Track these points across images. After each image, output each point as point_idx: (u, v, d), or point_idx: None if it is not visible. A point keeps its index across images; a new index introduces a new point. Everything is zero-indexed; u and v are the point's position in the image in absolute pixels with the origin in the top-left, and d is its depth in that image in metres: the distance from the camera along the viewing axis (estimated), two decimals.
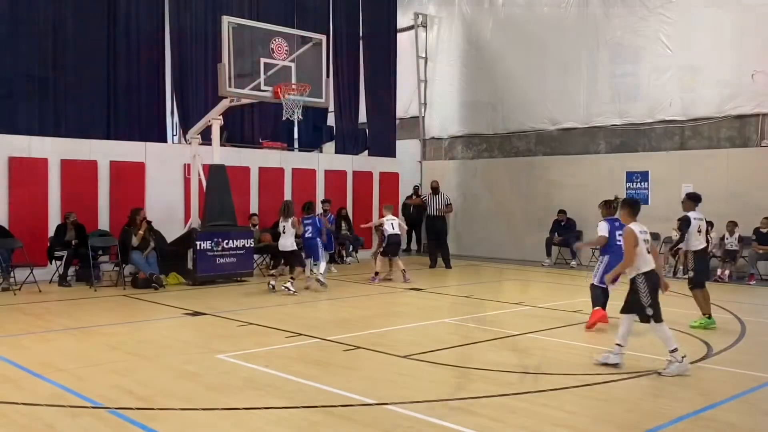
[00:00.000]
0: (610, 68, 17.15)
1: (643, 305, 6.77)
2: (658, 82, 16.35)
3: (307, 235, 12.41)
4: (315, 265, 12.55)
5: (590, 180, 17.21)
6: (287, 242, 12.05)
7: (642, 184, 16.46)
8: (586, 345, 8.12)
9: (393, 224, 13.87)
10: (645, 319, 6.81)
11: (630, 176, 16.67)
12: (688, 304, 9.92)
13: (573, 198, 17.35)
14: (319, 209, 15.35)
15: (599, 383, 6.44)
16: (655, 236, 15.87)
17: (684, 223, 9.40)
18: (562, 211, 17.14)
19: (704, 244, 9.43)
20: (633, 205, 7.17)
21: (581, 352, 7.80)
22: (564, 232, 17.06)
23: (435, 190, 17.08)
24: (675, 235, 15.01)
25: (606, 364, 6.92)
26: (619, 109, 17.11)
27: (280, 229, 12.18)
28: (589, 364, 7.26)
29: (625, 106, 17.00)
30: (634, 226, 6.93)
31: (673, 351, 6.66)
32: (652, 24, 16.39)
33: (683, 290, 9.88)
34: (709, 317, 9.20)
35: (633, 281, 6.84)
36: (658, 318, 6.77)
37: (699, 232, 9.33)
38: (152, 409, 5.57)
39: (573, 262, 16.91)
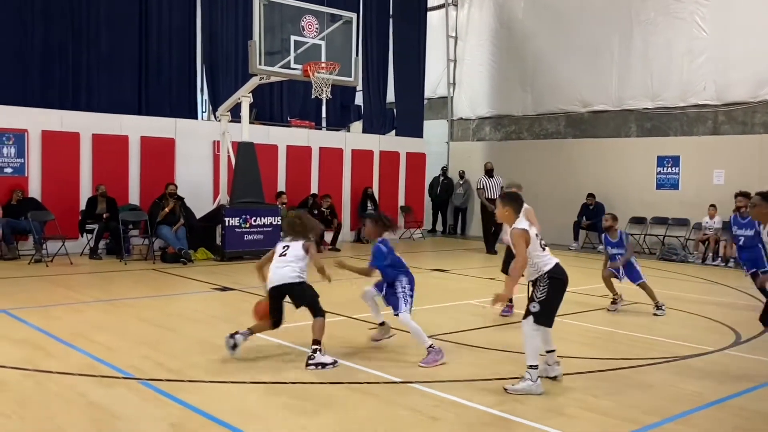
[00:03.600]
0: (642, 50, 16.88)
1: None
2: (692, 65, 16.08)
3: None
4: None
5: (620, 164, 17.05)
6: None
7: (673, 169, 16.26)
8: (612, 330, 8.09)
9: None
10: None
11: (661, 161, 16.47)
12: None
13: (602, 182, 17.19)
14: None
15: (625, 368, 6.42)
16: (684, 222, 15.80)
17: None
18: (590, 195, 17.00)
19: None
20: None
21: (607, 337, 7.77)
22: (592, 216, 16.93)
23: (490, 172, 16.48)
24: (706, 221, 14.90)
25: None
26: (651, 92, 16.87)
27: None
28: (616, 348, 7.23)
29: (657, 89, 16.75)
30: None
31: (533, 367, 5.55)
32: (687, 5, 16.09)
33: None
34: None
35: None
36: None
37: None
38: (182, 381, 5.68)
39: (600, 247, 16.77)
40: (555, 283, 5.64)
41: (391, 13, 19.65)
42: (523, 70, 19.40)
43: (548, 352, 5.92)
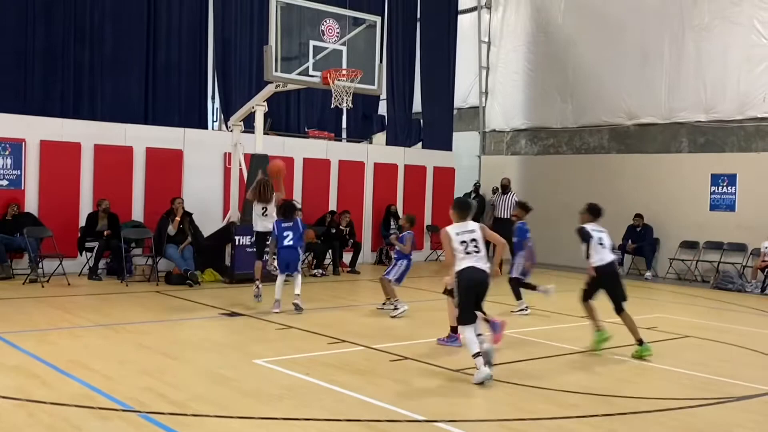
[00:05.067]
0: (695, 57, 16.77)
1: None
2: (750, 75, 15.93)
3: (286, 242, 10.56)
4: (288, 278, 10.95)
5: (670, 182, 16.89)
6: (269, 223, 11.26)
7: (729, 188, 16.08)
8: (659, 366, 7.98)
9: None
10: None
11: (715, 179, 16.30)
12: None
13: (649, 202, 17.04)
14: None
15: (674, 408, 6.33)
16: (741, 247, 15.60)
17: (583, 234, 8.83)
18: (638, 216, 16.84)
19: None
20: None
21: (654, 373, 7.68)
22: (639, 239, 16.77)
23: (505, 188, 16.68)
24: (766, 246, 14.71)
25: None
26: (705, 103, 16.73)
27: (260, 210, 11.57)
28: (663, 386, 7.14)
29: (711, 100, 16.60)
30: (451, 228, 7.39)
31: (475, 355, 6.84)
32: (745, 9, 15.97)
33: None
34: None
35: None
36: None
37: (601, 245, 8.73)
38: (185, 414, 5.70)
39: (647, 273, 16.62)
40: (461, 283, 7.10)
41: (418, 16, 19.76)
42: (562, 78, 19.36)
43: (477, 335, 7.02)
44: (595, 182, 18.18)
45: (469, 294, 7.06)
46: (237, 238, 13.31)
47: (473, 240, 7.16)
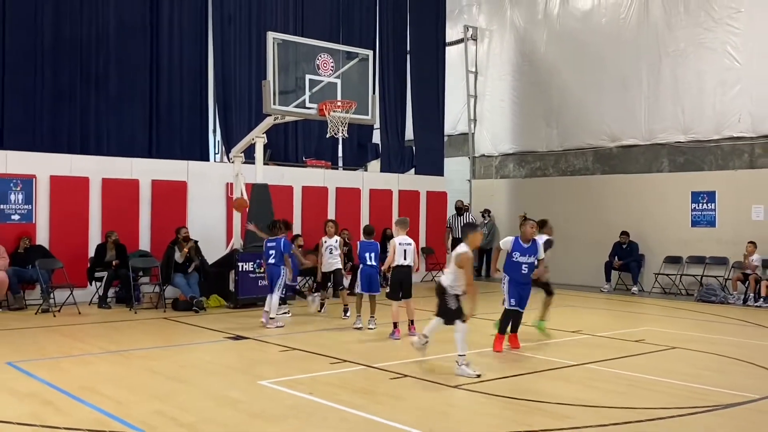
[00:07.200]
0: (672, 82, 16.93)
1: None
2: (725, 97, 16.07)
3: (270, 261, 11.42)
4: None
5: (652, 200, 16.97)
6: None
7: (708, 205, 16.16)
8: (649, 377, 7.98)
9: (407, 250, 10.78)
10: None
11: (695, 197, 16.38)
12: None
13: (633, 220, 17.11)
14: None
15: (663, 418, 6.32)
16: (722, 260, 15.64)
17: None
18: (624, 233, 16.89)
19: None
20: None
21: (645, 385, 7.66)
22: (625, 256, 16.81)
23: (459, 210, 17.04)
24: (749, 260, 14.73)
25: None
26: (683, 125, 16.86)
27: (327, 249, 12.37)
28: (653, 397, 7.13)
29: (689, 121, 16.73)
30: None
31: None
32: (718, 35, 16.15)
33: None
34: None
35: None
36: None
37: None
38: None
39: (634, 288, 16.64)
40: None
41: (408, 48, 19.93)
42: (547, 104, 19.51)
43: None
44: (582, 202, 18.28)
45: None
46: (240, 264, 13.30)
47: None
